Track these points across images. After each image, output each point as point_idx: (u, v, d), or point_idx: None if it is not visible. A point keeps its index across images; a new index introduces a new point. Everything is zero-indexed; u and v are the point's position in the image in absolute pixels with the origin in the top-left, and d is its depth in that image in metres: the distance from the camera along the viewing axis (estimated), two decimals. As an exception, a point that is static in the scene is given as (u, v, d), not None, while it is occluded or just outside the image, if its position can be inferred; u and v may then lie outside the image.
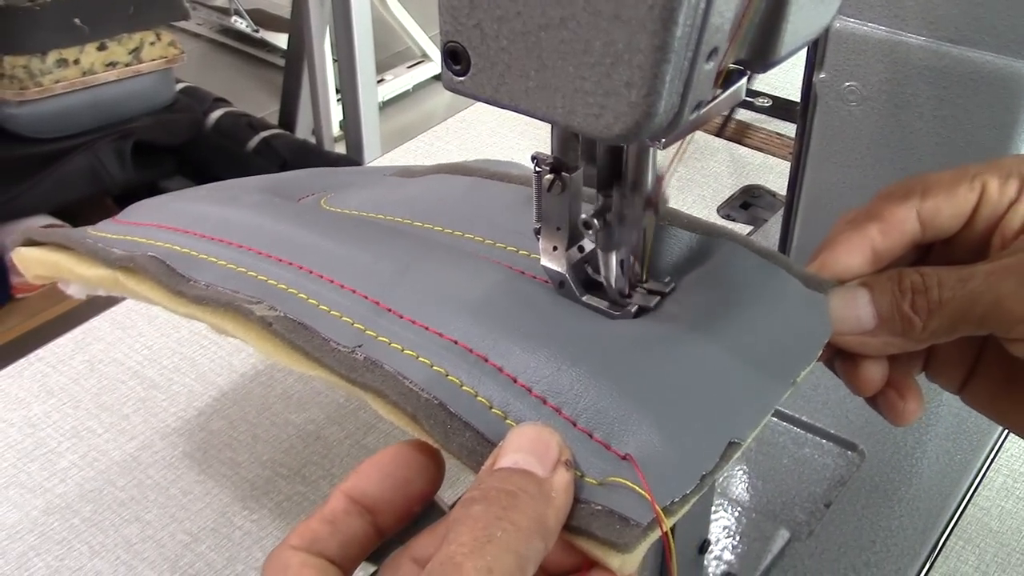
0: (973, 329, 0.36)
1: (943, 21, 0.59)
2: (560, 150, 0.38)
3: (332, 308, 0.40)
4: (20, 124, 1.61)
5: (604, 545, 0.31)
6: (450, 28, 0.32)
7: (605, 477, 0.33)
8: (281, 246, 0.44)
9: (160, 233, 0.48)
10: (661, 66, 0.29)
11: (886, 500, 0.58)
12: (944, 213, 0.39)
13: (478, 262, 0.42)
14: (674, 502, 0.33)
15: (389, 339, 0.37)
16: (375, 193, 0.52)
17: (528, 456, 0.32)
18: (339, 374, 0.37)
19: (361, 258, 0.42)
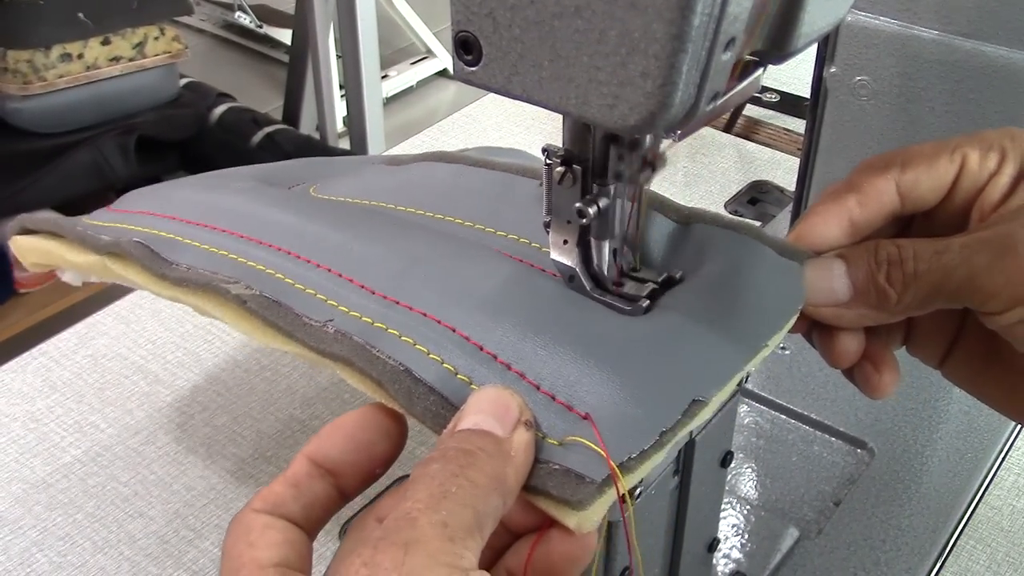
0: (948, 302, 0.36)
1: (956, 15, 0.59)
2: (572, 142, 0.37)
3: (307, 286, 0.40)
4: (23, 118, 1.61)
5: (560, 503, 0.32)
6: (462, 17, 0.32)
7: (565, 437, 0.33)
8: (262, 229, 0.45)
9: (148, 219, 0.49)
10: (678, 56, 0.28)
11: (896, 498, 0.58)
12: (923, 185, 0.39)
13: (446, 238, 0.43)
14: (631, 458, 0.32)
15: (360, 313, 0.38)
16: (362, 181, 0.53)
17: (488, 417, 0.32)
18: (309, 346, 0.38)
19: (335, 238, 0.43)
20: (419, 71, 2.79)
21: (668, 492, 0.42)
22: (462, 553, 0.29)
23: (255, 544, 0.32)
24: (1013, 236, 0.35)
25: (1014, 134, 0.39)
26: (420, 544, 0.28)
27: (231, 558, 0.32)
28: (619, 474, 0.32)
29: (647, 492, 0.39)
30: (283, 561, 0.32)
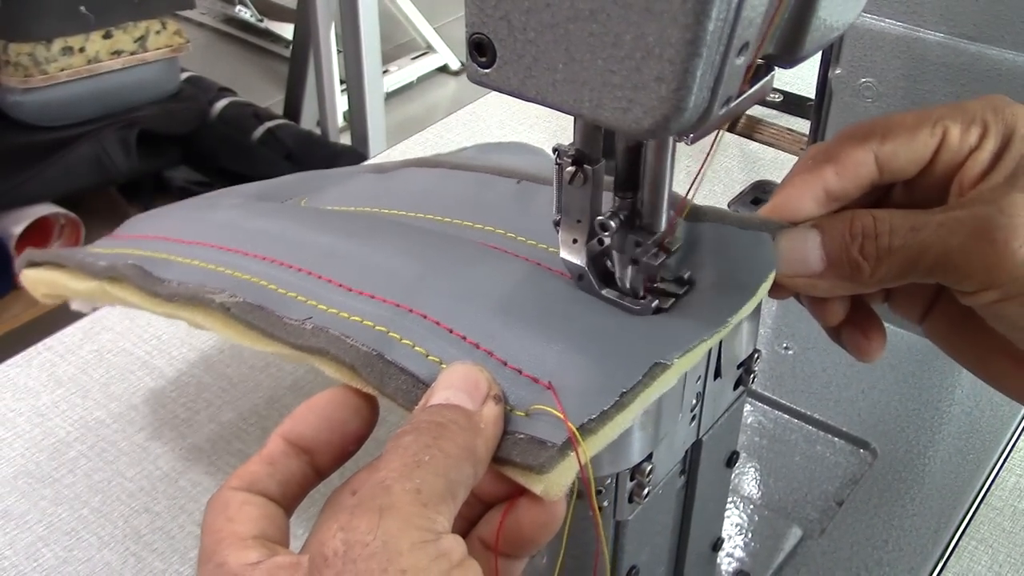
0: (921, 278, 0.37)
1: (961, 18, 0.59)
2: (582, 142, 0.37)
3: (288, 289, 0.42)
4: (25, 112, 1.61)
5: (525, 470, 0.33)
6: (476, 20, 0.32)
7: (530, 407, 0.34)
8: (247, 241, 0.47)
9: (144, 243, 0.51)
10: (692, 60, 0.29)
11: (898, 499, 0.58)
12: (902, 158, 0.39)
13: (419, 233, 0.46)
14: (592, 419, 0.33)
15: (338, 309, 0.40)
16: (346, 189, 0.56)
17: (458, 392, 0.34)
18: (288, 343, 0.39)
19: (316, 243, 0.45)
20: (420, 67, 2.79)
21: (675, 492, 0.42)
22: (435, 518, 0.30)
23: (234, 519, 0.33)
24: (990, 220, 0.35)
25: (996, 106, 0.38)
26: (394, 509, 0.29)
27: (211, 532, 0.32)
28: (578, 435, 0.32)
29: (654, 492, 0.39)
30: (262, 534, 0.33)
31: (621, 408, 0.34)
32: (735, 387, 0.43)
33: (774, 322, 0.71)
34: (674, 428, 0.38)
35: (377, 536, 0.28)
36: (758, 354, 0.43)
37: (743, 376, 0.42)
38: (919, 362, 0.67)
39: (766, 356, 0.68)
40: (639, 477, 0.37)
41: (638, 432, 0.36)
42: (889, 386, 0.66)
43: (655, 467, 0.38)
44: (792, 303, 0.72)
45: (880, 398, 0.65)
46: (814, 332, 0.70)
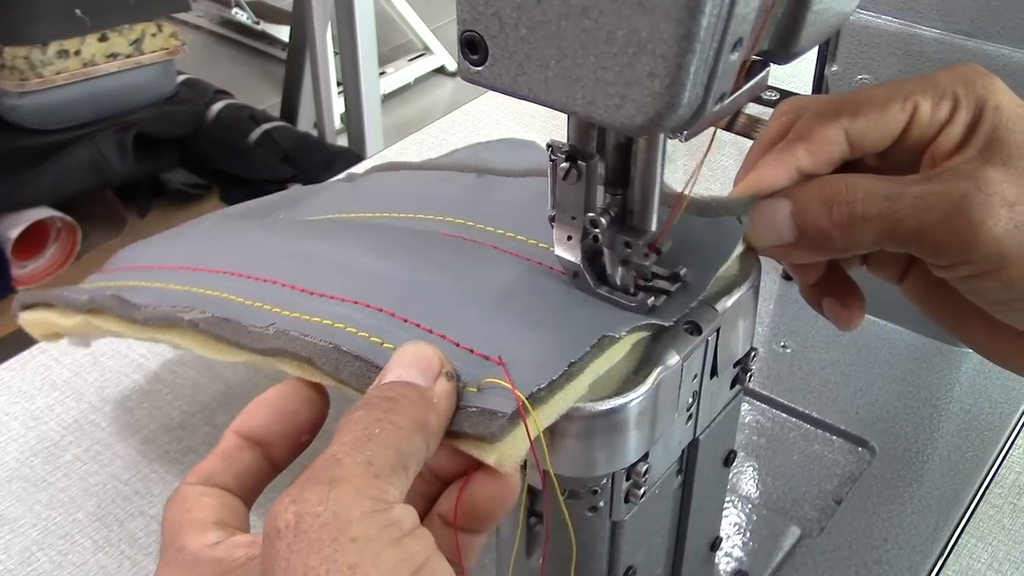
0: (894, 247, 0.37)
1: (958, 14, 0.59)
2: (576, 138, 0.37)
3: (254, 300, 0.43)
4: (21, 115, 1.61)
5: (478, 441, 0.33)
6: (468, 17, 0.32)
7: (481, 381, 0.35)
8: (219, 259, 0.49)
9: (126, 274, 0.54)
10: (686, 56, 0.28)
11: (897, 497, 0.58)
12: (873, 134, 0.39)
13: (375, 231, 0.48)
14: (540, 388, 0.34)
15: (300, 313, 0.41)
16: (321, 200, 0.58)
17: (411, 370, 0.34)
18: (253, 350, 0.40)
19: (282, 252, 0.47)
20: (417, 68, 2.79)
21: (672, 491, 0.42)
22: (386, 488, 0.30)
23: (192, 509, 0.33)
24: (967, 196, 0.35)
25: (967, 78, 0.38)
26: (345, 481, 0.29)
27: (170, 524, 0.33)
28: (526, 403, 0.33)
29: (651, 492, 0.39)
30: (220, 520, 0.33)
31: (570, 378, 0.34)
32: (732, 386, 0.42)
33: (772, 321, 0.71)
34: (670, 427, 0.38)
35: (328, 507, 0.29)
36: (755, 352, 0.42)
37: (740, 375, 0.42)
38: (917, 360, 0.67)
39: (764, 355, 0.68)
40: (635, 477, 0.37)
41: (633, 431, 0.36)
42: (887, 384, 0.65)
43: (651, 467, 0.38)
44: (791, 303, 0.72)
45: (878, 396, 0.65)
46: (812, 330, 0.70)
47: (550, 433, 0.35)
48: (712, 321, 0.38)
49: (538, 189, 0.46)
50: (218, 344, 0.42)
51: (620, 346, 0.36)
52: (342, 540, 0.28)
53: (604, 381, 0.35)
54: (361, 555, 0.28)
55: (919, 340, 0.69)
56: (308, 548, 0.28)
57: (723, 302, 0.39)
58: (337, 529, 0.28)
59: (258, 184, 1.77)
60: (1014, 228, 0.35)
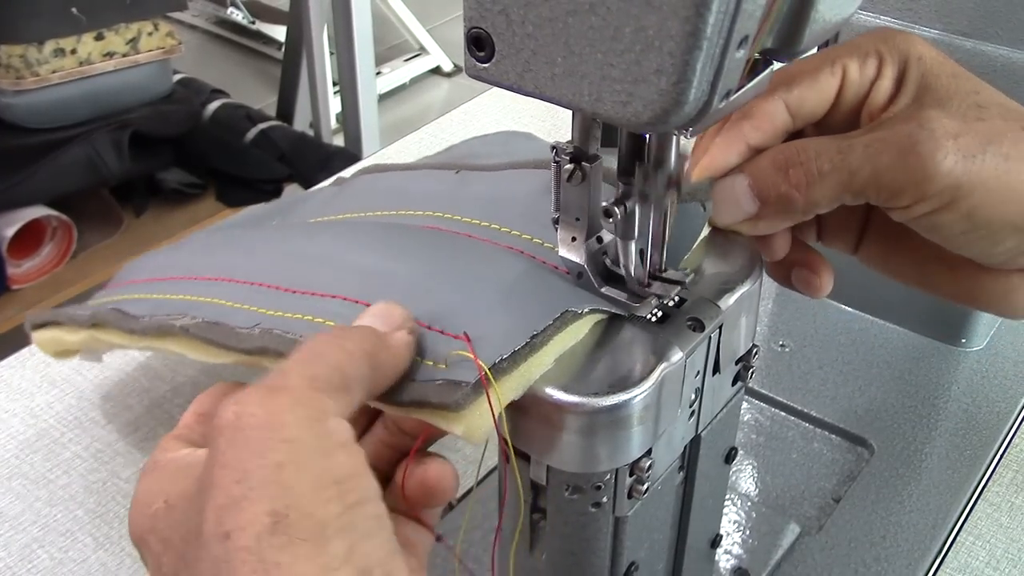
0: (853, 199, 0.38)
1: (956, 15, 0.59)
2: (580, 139, 0.37)
3: (241, 303, 0.45)
4: (17, 114, 1.60)
5: (444, 411, 0.35)
6: (475, 13, 0.32)
7: (448, 354, 0.36)
8: (211, 267, 0.51)
9: (127, 288, 0.56)
10: (692, 53, 0.29)
11: (896, 495, 0.58)
12: (810, 101, 0.40)
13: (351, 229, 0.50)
14: (503, 359, 0.35)
15: (283, 311, 0.42)
16: (310, 205, 0.60)
17: (374, 319, 0.37)
18: (240, 350, 0.41)
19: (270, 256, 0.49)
20: (412, 68, 2.79)
21: (674, 488, 0.42)
22: (325, 401, 0.32)
23: (167, 449, 0.36)
24: (912, 136, 0.36)
25: (887, 36, 0.40)
26: (287, 389, 0.32)
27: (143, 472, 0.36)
28: (488, 373, 0.34)
29: (653, 488, 0.39)
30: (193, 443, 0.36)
31: (533, 349, 0.36)
32: (733, 383, 0.42)
33: (770, 320, 0.71)
34: (673, 423, 0.38)
35: (265, 409, 0.31)
36: (757, 349, 0.43)
37: (741, 372, 0.42)
38: (916, 359, 0.68)
39: (763, 354, 0.68)
40: (638, 473, 0.37)
41: (637, 427, 0.36)
42: (886, 383, 0.66)
43: (654, 463, 0.38)
44: (789, 302, 0.72)
45: (877, 395, 0.65)
46: (810, 330, 0.70)
47: (551, 426, 0.35)
48: (715, 318, 0.38)
49: (512, 181, 0.49)
50: (207, 347, 0.44)
51: (583, 322, 0.37)
52: (274, 440, 0.30)
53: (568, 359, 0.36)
54: (289, 456, 0.30)
55: (917, 339, 0.69)
56: (243, 444, 0.30)
57: (726, 299, 0.39)
58: (271, 429, 0.30)
59: (254, 183, 1.77)
60: (963, 158, 0.36)
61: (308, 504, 0.29)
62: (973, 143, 0.37)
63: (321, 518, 0.29)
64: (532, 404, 0.35)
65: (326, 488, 0.30)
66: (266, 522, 0.29)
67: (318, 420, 0.31)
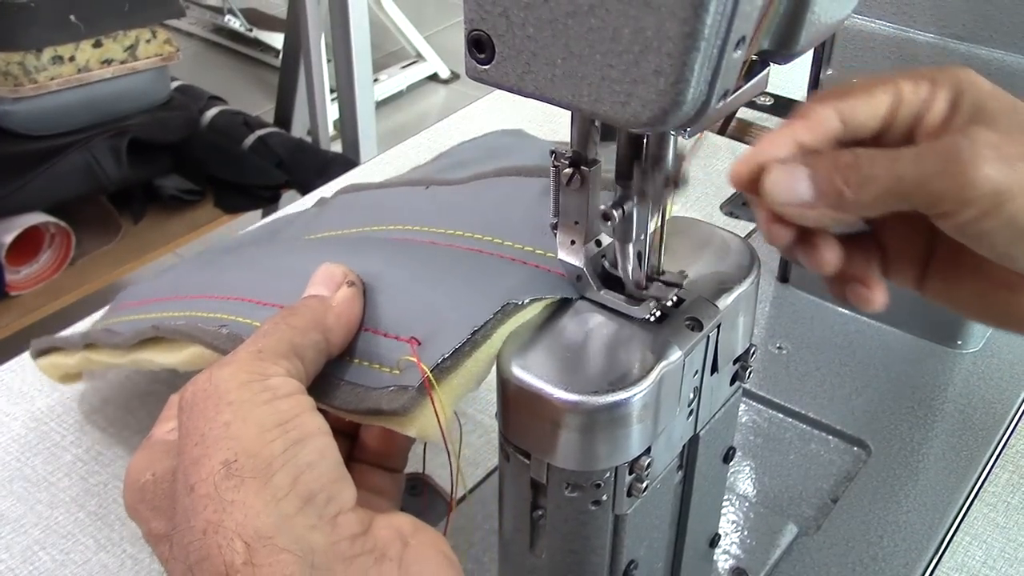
0: (900, 203, 0.39)
1: (951, 18, 0.60)
2: (579, 144, 0.37)
3: (215, 312, 0.48)
4: (15, 121, 1.60)
5: (395, 417, 0.37)
6: (475, 16, 0.32)
7: (399, 360, 0.39)
8: (188, 287, 0.54)
9: (118, 312, 0.60)
10: (690, 54, 0.29)
11: (893, 495, 0.59)
12: (861, 112, 0.42)
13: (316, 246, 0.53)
14: (445, 357, 0.37)
15: (249, 319, 0.45)
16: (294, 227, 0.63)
17: (317, 286, 0.41)
18: (204, 343, 0.45)
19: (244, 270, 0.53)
20: (410, 75, 2.80)
21: (673, 487, 0.43)
22: (268, 366, 0.36)
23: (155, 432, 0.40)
24: (957, 145, 0.38)
25: (942, 67, 0.42)
26: (233, 363, 0.36)
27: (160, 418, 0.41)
28: (430, 375, 0.37)
29: (652, 486, 0.40)
30: None
31: (476, 345, 0.38)
32: (732, 382, 0.43)
33: (767, 323, 0.72)
34: (672, 422, 0.39)
35: (213, 381, 0.36)
36: (754, 349, 0.43)
37: (739, 371, 0.43)
38: (912, 361, 0.68)
39: (760, 356, 0.68)
40: (638, 471, 0.38)
41: (636, 425, 0.36)
42: (883, 384, 0.66)
43: (653, 461, 0.38)
44: (786, 304, 0.73)
45: (874, 396, 0.65)
46: (807, 332, 0.70)
47: (551, 424, 0.36)
48: (713, 317, 0.39)
49: (476, 191, 0.51)
50: (171, 343, 0.48)
51: (525, 312, 0.39)
52: (221, 404, 0.35)
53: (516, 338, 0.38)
54: (234, 414, 0.35)
55: (914, 342, 0.69)
56: (198, 414, 0.35)
57: (724, 299, 0.40)
58: (217, 397, 0.35)
59: (252, 190, 1.77)
60: (1003, 165, 0.38)
61: (254, 447, 0.34)
62: (1014, 152, 0.38)
63: (266, 456, 0.34)
64: (533, 402, 0.36)
65: (269, 431, 0.35)
66: (221, 470, 0.34)
67: (258, 380, 0.36)
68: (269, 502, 0.34)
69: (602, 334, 0.38)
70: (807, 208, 0.40)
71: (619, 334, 0.38)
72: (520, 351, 0.37)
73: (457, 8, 2.51)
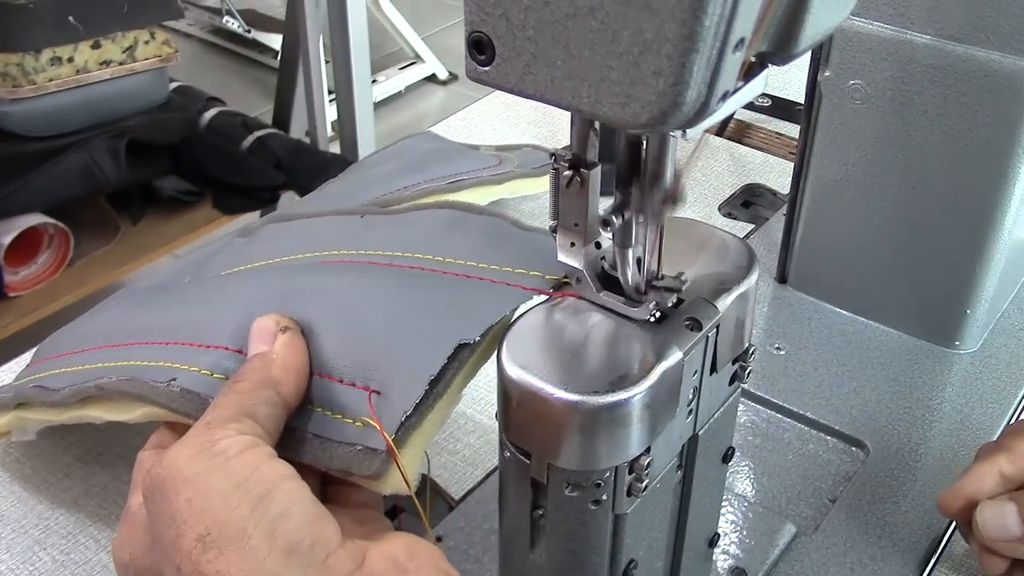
0: None
1: (948, 20, 0.60)
2: (579, 146, 0.38)
3: (156, 360, 0.47)
4: (13, 122, 1.60)
5: (368, 479, 0.39)
6: (475, 18, 0.32)
7: (359, 418, 0.40)
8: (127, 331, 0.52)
9: (46, 364, 0.57)
10: (690, 56, 0.29)
11: (891, 495, 0.59)
12: None
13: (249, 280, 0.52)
14: (408, 415, 0.38)
15: (199, 367, 0.44)
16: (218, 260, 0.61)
17: (256, 344, 0.42)
18: (158, 404, 0.44)
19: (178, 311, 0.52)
20: (408, 76, 2.80)
21: (672, 486, 0.43)
22: (216, 433, 0.37)
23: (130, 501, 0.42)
24: None
25: None
26: (182, 442, 0.37)
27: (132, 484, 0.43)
28: (393, 447, 0.38)
29: (652, 486, 0.40)
30: None
31: (437, 397, 0.39)
32: (731, 382, 0.43)
33: (766, 323, 0.72)
34: (672, 422, 0.39)
35: (165, 464, 0.37)
36: (753, 350, 0.43)
37: (739, 371, 0.43)
38: (910, 361, 0.68)
39: (758, 357, 0.68)
40: (638, 470, 0.38)
41: (637, 425, 0.36)
42: (880, 385, 0.66)
43: (653, 461, 0.38)
44: (784, 305, 0.73)
45: (872, 396, 0.65)
46: (805, 332, 0.71)
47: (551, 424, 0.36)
48: (712, 318, 0.39)
49: (415, 219, 0.51)
50: (124, 403, 0.47)
51: (481, 352, 0.40)
52: (177, 483, 0.36)
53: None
54: (193, 489, 0.35)
55: (911, 342, 0.70)
56: (160, 498, 0.36)
57: (723, 299, 0.40)
58: (172, 477, 0.36)
59: (251, 191, 1.77)
60: None
61: (221, 515, 0.35)
62: None
63: (236, 522, 0.34)
64: (533, 402, 0.36)
65: (231, 496, 0.35)
66: (197, 546, 0.34)
67: (207, 449, 0.36)
68: (255, 566, 0.34)
69: (602, 334, 0.38)
70: (1019, 543, 0.44)
71: (619, 334, 0.38)
72: (520, 351, 0.37)
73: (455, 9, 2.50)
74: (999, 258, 0.64)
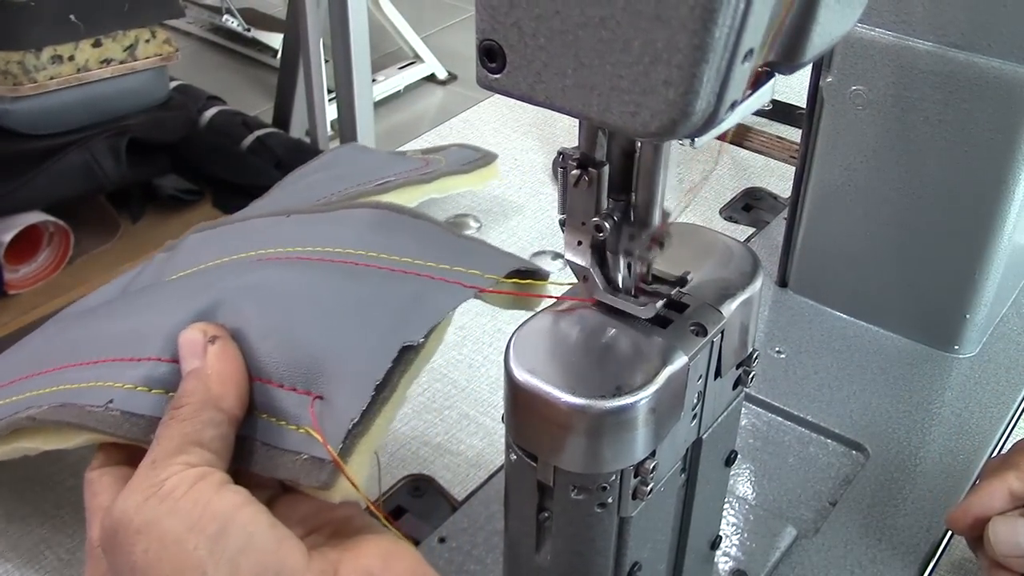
0: None
1: (949, 27, 0.60)
2: (587, 145, 0.38)
3: (82, 383, 0.45)
4: (14, 120, 1.60)
5: (316, 489, 0.38)
6: (487, 26, 0.33)
7: (302, 426, 0.39)
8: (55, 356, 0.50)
9: None
10: (699, 66, 0.29)
11: (891, 498, 0.59)
12: None
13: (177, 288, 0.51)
14: (355, 423, 0.38)
15: (134, 384, 0.43)
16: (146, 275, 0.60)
17: (188, 359, 0.41)
18: (97, 430, 0.43)
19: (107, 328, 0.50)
20: (406, 76, 2.80)
21: (676, 489, 0.43)
22: (160, 473, 0.36)
23: (98, 494, 0.41)
24: None
25: None
26: (129, 488, 0.36)
27: (87, 511, 0.41)
28: (338, 460, 0.38)
29: (657, 489, 0.40)
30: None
31: (384, 402, 0.39)
32: (734, 386, 0.43)
33: (766, 327, 0.72)
34: (676, 426, 0.39)
35: (114, 516, 0.36)
36: (756, 354, 0.44)
37: (742, 376, 0.43)
38: (909, 365, 0.69)
39: (759, 360, 0.69)
40: (643, 474, 0.38)
41: (642, 429, 0.37)
42: (880, 388, 0.67)
43: (658, 464, 0.39)
44: (785, 309, 0.73)
45: (872, 400, 0.66)
46: (806, 336, 0.71)
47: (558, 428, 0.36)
48: (717, 323, 0.39)
49: (343, 215, 0.52)
50: (56, 430, 0.46)
51: (424, 352, 0.40)
52: (130, 535, 0.35)
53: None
54: (147, 539, 0.35)
55: (911, 346, 0.70)
56: (117, 551, 0.36)
57: (727, 305, 0.40)
58: (124, 529, 0.35)
59: (251, 190, 1.77)
60: None
61: (179, 561, 0.34)
62: None
63: (195, 565, 0.34)
64: (540, 406, 0.36)
65: (185, 538, 0.34)
66: None
67: (153, 494, 0.36)
68: None
69: (608, 339, 0.39)
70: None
71: (625, 339, 0.39)
72: (528, 356, 0.37)
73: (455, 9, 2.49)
74: (998, 263, 0.65)
